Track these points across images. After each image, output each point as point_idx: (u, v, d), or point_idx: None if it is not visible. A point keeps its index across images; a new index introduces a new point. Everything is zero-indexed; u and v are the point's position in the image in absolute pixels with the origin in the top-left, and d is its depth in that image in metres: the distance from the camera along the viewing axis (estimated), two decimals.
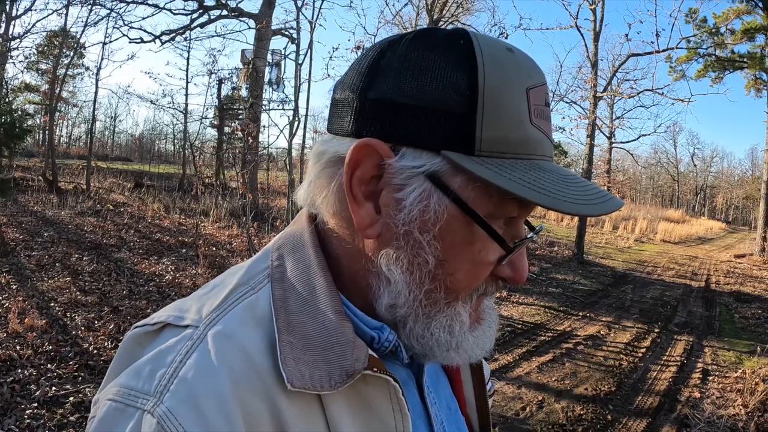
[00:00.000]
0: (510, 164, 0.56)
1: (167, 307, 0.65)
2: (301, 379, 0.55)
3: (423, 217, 0.58)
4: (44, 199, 12.47)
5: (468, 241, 0.59)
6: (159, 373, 0.55)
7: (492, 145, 0.56)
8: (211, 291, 0.65)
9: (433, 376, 0.76)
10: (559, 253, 14.27)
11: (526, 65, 0.60)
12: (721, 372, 6.10)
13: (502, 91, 0.56)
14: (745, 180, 55.05)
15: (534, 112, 0.58)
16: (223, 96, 19.86)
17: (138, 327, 0.64)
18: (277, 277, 0.63)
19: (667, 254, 18.21)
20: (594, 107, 14.15)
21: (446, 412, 0.75)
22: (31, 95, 24.97)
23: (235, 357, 0.55)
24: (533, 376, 5.36)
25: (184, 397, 0.52)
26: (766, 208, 20.72)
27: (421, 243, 0.59)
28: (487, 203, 0.58)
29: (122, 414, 0.53)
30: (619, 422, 4.55)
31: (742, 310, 9.80)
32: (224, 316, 0.59)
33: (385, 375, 0.59)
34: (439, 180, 0.57)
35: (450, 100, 0.56)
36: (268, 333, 0.58)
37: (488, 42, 0.59)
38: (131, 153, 39.97)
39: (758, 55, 22.83)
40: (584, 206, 0.57)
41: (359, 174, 0.59)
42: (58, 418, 3.59)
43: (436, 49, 0.58)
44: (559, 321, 7.72)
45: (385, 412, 0.60)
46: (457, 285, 0.61)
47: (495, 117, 0.56)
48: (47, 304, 5.72)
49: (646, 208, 37.70)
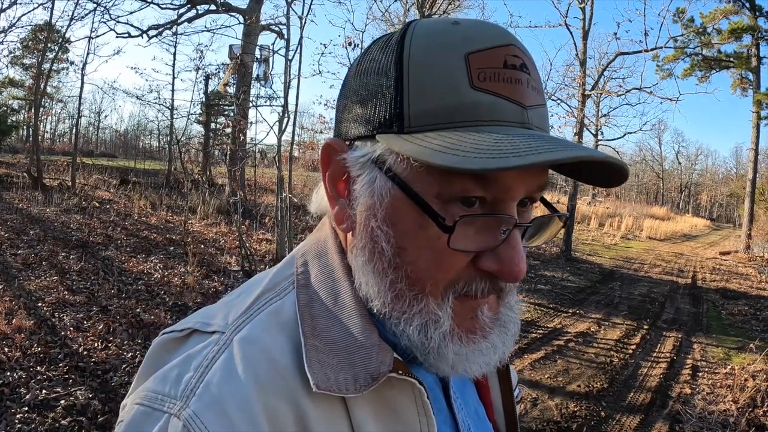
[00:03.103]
0: (445, 135, 0.53)
1: (194, 313, 0.66)
2: (326, 381, 0.55)
3: (371, 202, 0.58)
4: (29, 196, 12.28)
5: (420, 225, 0.56)
6: (185, 378, 0.55)
7: (422, 119, 0.55)
8: (237, 298, 0.66)
9: (460, 382, 0.75)
10: (546, 250, 14.34)
11: (469, 33, 0.56)
12: (710, 368, 6.16)
13: (428, 63, 0.55)
14: (730, 178, 55.74)
15: (479, 76, 0.54)
16: (210, 92, 19.72)
17: (166, 333, 0.65)
18: (302, 284, 0.63)
19: (654, 251, 18.39)
20: (582, 105, 14.21)
21: (474, 418, 0.74)
22: (15, 90, 24.63)
23: (260, 361, 0.56)
24: (526, 374, 5.38)
25: (210, 400, 0.53)
26: (751, 206, 21.01)
27: (374, 230, 0.58)
28: (431, 181, 0.55)
29: (149, 417, 0.54)
30: (613, 418, 4.58)
31: (729, 306, 9.93)
32: (250, 321, 0.60)
33: (410, 378, 0.58)
34: (384, 164, 0.57)
35: (384, 87, 0.57)
36: (293, 338, 0.59)
37: (427, 23, 0.59)
38: (116, 149, 39.55)
39: (744, 54, 23.13)
40: (501, 159, 0.49)
41: (330, 173, 0.63)
42: (49, 422, 3.53)
43: (378, 45, 0.61)
44: (550, 318, 7.76)
45: (410, 416, 0.59)
46: (420, 275, 0.57)
47: (421, 90, 0.55)
48: (35, 304, 5.63)
49: (631, 205, 37.98)
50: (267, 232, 11.00)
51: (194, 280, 7.12)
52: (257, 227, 11.33)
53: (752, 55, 22.78)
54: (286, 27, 7.81)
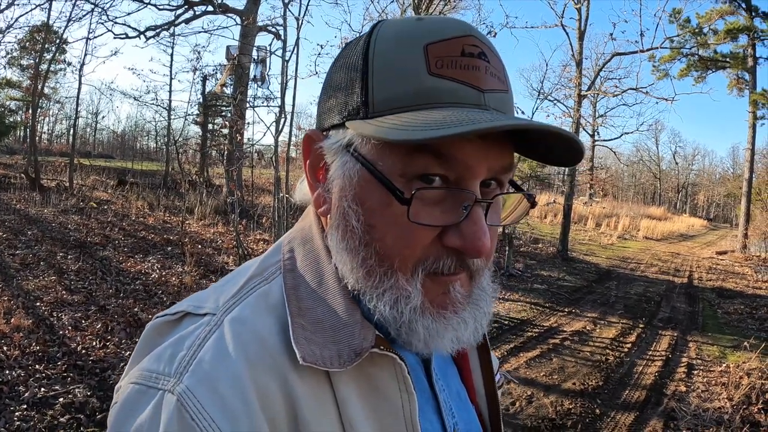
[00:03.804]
0: (403, 116, 0.57)
1: (186, 298, 0.69)
2: (312, 355, 0.58)
3: (342, 183, 0.63)
4: (27, 197, 12.28)
5: (386, 202, 0.59)
6: (179, 356, 0.58)
7: (384, 104, 0.59)
8: (227, 283, 0.69)
9: (442, 364, 0.78)
10: (543, 250, 14.37)
11: (430, 27, 0.61)
12: (705, 366, 6.20)
13: (390, 54, 0.60)
14: (727, 178, 55.68)
15: (437, 63, 0.58)
16: (208, 93, 19.70)
17: (159, 317, 0.67)
18: (288, 268, 0.67)
19: (650, 251, 18.41)
20: (578, 105, 14.25)
21: (456, 400, 0.77)
22: (12, 91, 24.56)
23: (249, 340, 0.59)
24: (521, 372, 5.41)
25: (202, 377, 0.56)
26: (747, 206, 21.06)
27: (345, 210, 0.62)
28: (394, 161, 0.59)
29: (144, 395, 0.57)
30: (608, 416, 4.61)
31: (725, 305, 9.96)
32: (240, 303, 0.63)
33: (391, 353, 0.61)
34: (353, 149, 0.62)
35: (351, 79, 0.62)
36: (280, 318, 0.62)
37: (393, 21, 0.64)
38: (113, 150, 39.46)
39: (741, 55, 23.16)
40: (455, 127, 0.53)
41: (310, 162, 0.68)
42: (48, 420, 3.55)
43: (352, 43, 0.67)
44: (546, 317, 7.78)
45: (392, 391, 0.62)
46: (388, 251, 0.60)
47: (383, 78, 0.60)
48: (33, 303, 5.65)
49: (628, 205, 38.04)
50: (264, 232, 11.03)
51: (192, 280, 7.13)
52: (254, 227, 11.35)
53: (748, 56, 22.84)
54: (283, 28, 7.84)
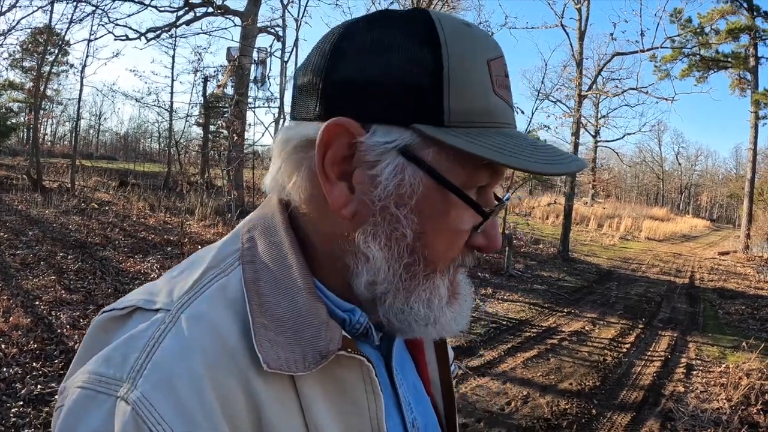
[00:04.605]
0: (478, 132, 0.58)
1: (135, 290, 0.64)
2: (276, 360, 0.55)
3: (399, 191, 0.59)
4: (29, 198, 12.30)
5: (444, 211, 0.60)
6: (131, 358, 0.54)
7: (460, 116, 0.58)
8: (181, 274, 0.64)
9: (399, 357, 0.77)
10: (544, 251, 14.35)
11: (483, 39, 0.62)
12: (705, 367, 6.18)
13: (466, 63, 0.58)
14: (730, 178, 55.56)
15: (496, 82, 0.60)
16: (209, 94, 19.73)
17: (105, 312, 0.62)
18: (248, 260, 0.62)
19: (652, 252, 18.38)
20: (579, 105, 14.24)
21: (413, 393, 0.76)
22: (15, 93, 24.66)
23: (208, 340, 0.55)
24: (518, 372, 5.40)
25: (158, 381, 0.52)
26: (749, 206, 21.01)
27: (398, 217, 0.59)
28: (460, 172, 0.59)
29: (93, 401, 0.52)
30: (604, 416, 4.60)
31: (726, 306, 9.93)
32: (196, 299, 0.59)
33: (358, 356, 0.60)
34: (412, 153, 0.58)
35: (416, 75, 0.57)
36: (241, 315, 0.58)
37: (447, 18, 0.61)
38: (116, 151, 39.56)
39: (742, 55, 23.12)
40: (552, 165, 0.60)
41: (331, 154, 0.60)
42: (44, 416, 3.57)
43: (396, 27, 0.59)
44: (544, 317, 7.77)
45: (358, 393, 0.61)
46: (436, 256, 0.62)
47: (461, 89, 0.57)
48: (32, 302, 5.66)
49: (631, 206, 37.96)
50: None
51: None
52: None
53: (750, 55, 22.79)
54: (282, 29, 7.85)
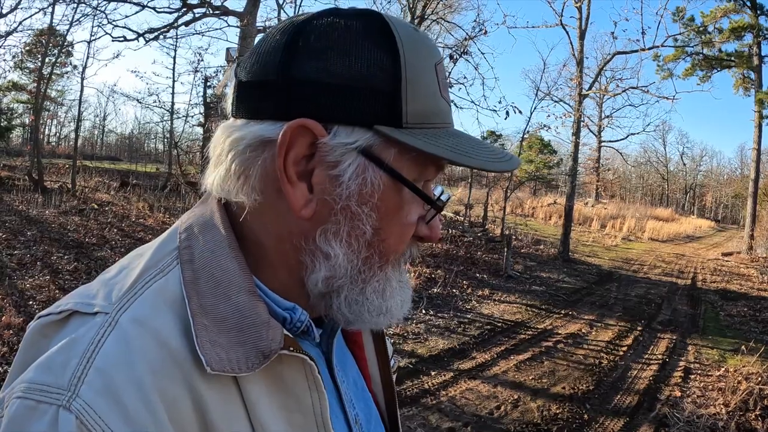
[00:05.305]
0: (432, 133, 0.62)
1: (71, 293, 0.62)
2: (219, 361, 0.55)
3: (361, 190, 0.60)
4: (29, 198, 12.34)
5: (399, 206, 0.63)
6: (71, 365, 0.52)
7: (415, 118, 0.61)
8: (118, 275, 0.63)
9: (340, 354, 0.78)
10: (544, 252, 14.29)
11: (430, 43, 0.65)
12: (703, 370, 6.09)
13: (419, 67, 0.61)
14: (734, 178, 55.36)
15: (441, 85, 0.64)
16: (209, 94, 19.77)
17: (42, 317, 0.60)
18: (186, 259, 0.61)
19: (655, 252, 18.30)
20: (579, 105, 14.17)
21: (354, 389, 0.78)
22: (18, 94, 24.79)
23: (150, 344, 0.54)
24: (510, 375, 5.34)
25: (101, 388, 0.50)
26: (753, 207, 20.90)
27: (360, 215, 0.61)
28: (414, 170, 0.63)
29: (34, 412, 0.50)
30: (596, 421, 4.53)
31: (728, 307, 9.85)
32: (135, 300, 0.58)
33: (301, 354, 0.60)
34: (373, 153, 0.60)
35: (377, 78, 0.59)
36: (181, 317, 0.57)
37: (400, 23, 0.63)
38: (120, 152, 39.73)
39: (746, 54, 23.01)
40: (499, 163, 0.65)
41: (293, 155, 0.60)
42: None
43: (355, 29, 0.60)
44: (541, 319, 7.71)
45: (302, 391, 0.61)
46: (389, 249, 0.65)
47: (415, 91, 0.60)
48: (26, 302, 5.67)
49: (635, 206, 37.80)
50: None
51: None
52: None
53: (754, 54, 22.67)
54: None
